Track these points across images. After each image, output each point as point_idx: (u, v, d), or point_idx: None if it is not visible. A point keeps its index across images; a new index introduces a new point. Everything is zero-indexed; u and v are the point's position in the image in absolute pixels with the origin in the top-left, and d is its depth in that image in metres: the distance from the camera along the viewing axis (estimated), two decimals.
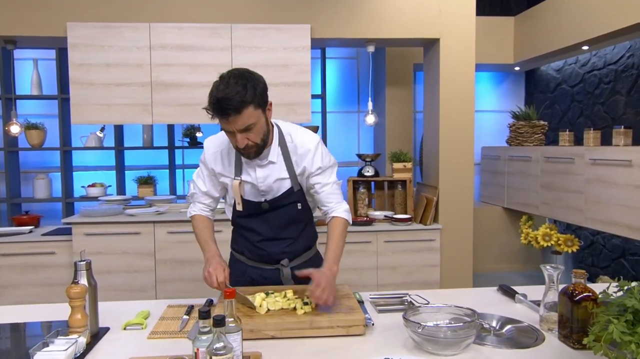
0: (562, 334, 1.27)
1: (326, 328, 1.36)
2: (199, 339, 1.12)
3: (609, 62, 4.08)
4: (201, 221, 1.80)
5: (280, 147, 1.68)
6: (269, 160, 1.67)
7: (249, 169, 1.68)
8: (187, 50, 3.40)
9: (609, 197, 3.25)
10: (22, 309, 1.69)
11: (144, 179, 4.14)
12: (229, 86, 1.45)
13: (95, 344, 1.37)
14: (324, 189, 1.71)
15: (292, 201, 1.71)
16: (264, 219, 1.72)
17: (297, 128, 1.74)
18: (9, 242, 3.31)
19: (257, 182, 1.67)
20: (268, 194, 1.70)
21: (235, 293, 1.19)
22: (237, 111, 1.45)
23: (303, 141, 1.69)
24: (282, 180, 1.69)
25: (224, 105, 1.44)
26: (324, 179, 1.71)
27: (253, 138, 1.54)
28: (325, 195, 1.71)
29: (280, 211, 1.72)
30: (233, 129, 1.50)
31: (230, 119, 1.47)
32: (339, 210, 1.72)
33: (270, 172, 1.68)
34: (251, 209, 1.72)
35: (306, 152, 1.68)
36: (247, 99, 1.46)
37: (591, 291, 1.23)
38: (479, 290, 1.80)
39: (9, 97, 3.87)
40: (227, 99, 1.44)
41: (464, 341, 1.22)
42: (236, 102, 1.44)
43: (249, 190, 1.70)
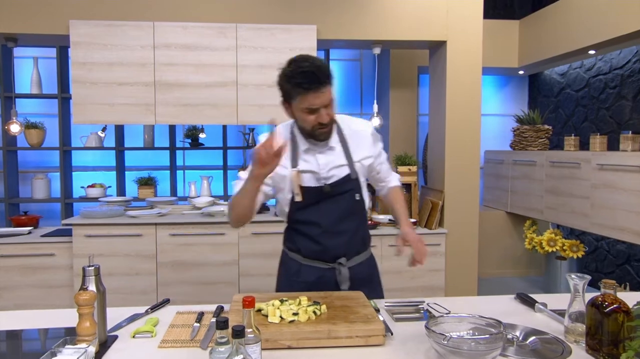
0: (590, 347, 1.23)
1: (344, 337, 1.31)
2: (217, 350, 1.07)
3: (615, 66, 4.07)
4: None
5: (337, 133, 1.71)
6: (330, 146, 1.69)
7: (308, 157, 1.69)
8: (191, 50, 3.35)
9: (615, 202, 3.23)
10: (20, 315, 1.62)
11: (145, 180, 4.09)
12: (314, 61, 1.53)
13: (104, 353, 1.31)
14: (382, 166, 1.85)
15: (350, 188, 1.71)
16: (323, 209, 1.69)
17: (350, 117, 1.80)
18: (7, 244, 3.25)
19: (319, 169, 1.68)
20: (328, 179, 1.69)
21: (254, 303, 1.14)
22: (327, 82, 1.53)
23: (362, 127, 1.77)
24: (341, 167, 1.70)
25: (321, 74, 1.50)
26: (383, 158, 1.85)
27: (332, 114, 1.61)
28: (384, 171, 1.86)
29: (339, 198, 1.70)
30: (320, 103, 1.54)
31: (322, 90, 1.52)
32: (394, 180, 1.90)
33: (331, 158, 1.69)
34: (311, 197, 1.68)
35: (365, 138, 1.75)
36: (330, 72, 1.54)
37: (621, 302, 1.19)
38: (496, 298, 1.76)
39: (8, 96, 3.81)
40: (321, 70, 1.50)
41: (490, 354, 1.18)
42: (328, 74, 1.52)
43: (308, 179, 1.69)
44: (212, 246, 3.34)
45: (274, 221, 3.39)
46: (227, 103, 3.40)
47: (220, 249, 3.35)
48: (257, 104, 3.43)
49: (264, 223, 3.39)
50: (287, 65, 1.56)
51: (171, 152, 4.24)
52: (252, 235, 3.38)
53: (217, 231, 3.34)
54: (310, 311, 1.39)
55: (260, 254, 3.38)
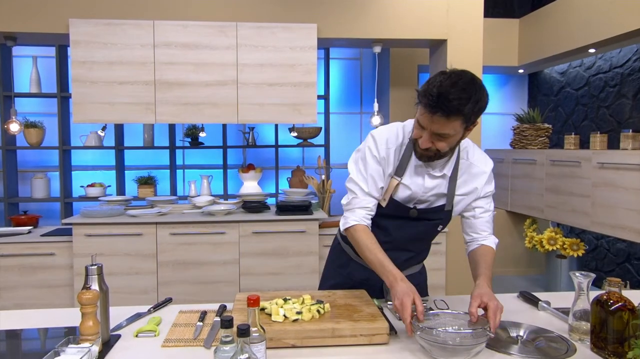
0: (595, 345, 1.23)
1: (349, 336, 1.31)
2: (222, 349, 1.06)
3: (615, 65, 4.07)
4: (366, 233, 1.55)
5: (455, 162, 1.57)
6: (443, 173, 1.55)
7: (416, 175, 1.55)
8: (191, 49, 3.34)
9: (616, 201, 3.23)
10: (19, 315, 1.62)
11: (145, 179, 4.07)
12: (456, 87, 1.32)
13: (108, 352, 1.31)
14: (483, 215, 1.61)
15: (438, 218, 1.61)
16: (402, 225, 1.61)
17: (474, 146, 1.63)
18: (7, 243, 3.23)
19: (422, 190, 1.56)
20: (422, 204, 1.59)
21: (259, 301, 1.14)
22: (447, 116, 1.33)
23: (480, 162, 1.59)
24: (440, 197, 1.58)
25: (440, 103, 1.32)
26: (488, 206, 1.61)
27: (440, 146, 1.42)
28: (483, 222, 1.61)
29: (422, 224, 1.61)
30: (429, 128, 1.39)
31: (434, 118, 1.35)
32: (490, 240, 1.62)
33: (438, 184, 1.56)
34: (396, 211, 1.59)
35: (480, 174, 1.58)
36: (464, 111, 1.33)
37: (627, 300, 1.18)
38: (500, 296, 1.74)
39: (7, 95, 3.80)
40: (447, 99, 1.31)
41: (474, 348, 1.18)
42: (451, 107, 1.32)
43: (402, 194, 1.57)
44: (213, 245, 3.34)
45: (275, 220, 3.39)
46: (228, 102, 3.39)
47: (220, 248, 3.34)
48: (258, 103, 3.43)
49: (264, 222, 3.38)
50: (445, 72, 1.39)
51: (171, 151, 4.23)
52: (253, 234, 3.37)
53: (217, 230, 3.34)
54: (314, 309, 1.38)
55: (261, 253, 3.38)
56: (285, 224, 3.38)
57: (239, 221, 3.36)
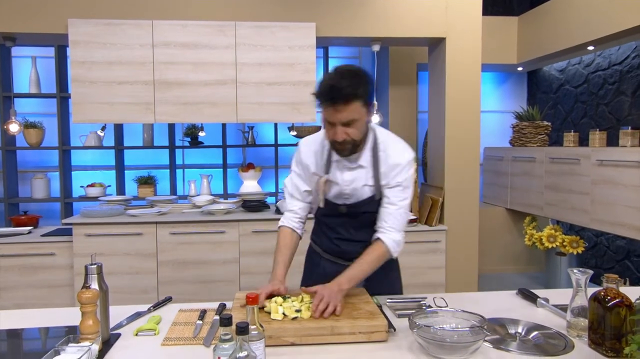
0: (593, 341, 1.24)
1: (348, 334, 1.32)
2: (221, 347, 1.07)
3: (614, 62, 4.07)
4: (283, 237, 1.71)
5: (372, 152, 1.64)
6: (359, 164, 1.64)
7: (337, 170, 1.66)
8: (190, 48, 3.34)
9: (615, 198, 3.23)
10: (20, 314, 1.62)
11: (144, 179, 4.08)
12: (343, 77, 1.46)
13: (108, 351, 1.32)
14: (388, 206, 1.63)
15: (372, 209, 1.67)
16: (340, 221, 1.72)
17: (395, 139, 1.69)
18: (7, 243, 3.24)
19: (343, 184, 1.66)
20: (351, 198, 1.68)
21: (258, 299, 1.14)
22: (346, 101, 1.45)
23: (396, 154, 1.64)
24: (366, 187, 1.65)
25: (335, 93, 1.44)
26: (395, 198, 1.63)
27: (352, 134, 1.52)
28: (386, 213, 1.63)
29: (358, 218, 1.70)
30: (337, 120, 1.48)
31: (338, 108, 1.46)
32: (387, 234, 1.61)
33: (358, 176, 1.65)
34: (331, 209, 1.71)
35: (395, 166, 1.63)
36: (359, 92, 1.46)
37: (624, 296, 1.19)
38: (498, 294, 1.76)
39: (7, 96, 3.80)
40: (339, 87, 1.44)
41: (472, 346, 1.19)
42: (347, 93, 1.44)
43: (333, 190, 1.68)
44: (213, 244, 3.34)
45: (274, 219, 3.39)
46: (227, 101, 3.40)
47: (220, 247, 3.35)
48: (257, 102, 3.43)
49: (264, 221, 3.39)
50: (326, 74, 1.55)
51: (170, 150, 4.23)
52: (253, 233, 3.38)
53: (217, 229, 3.34)
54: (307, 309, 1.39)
55: (260, 252, 3.38)
56: None
57: (239, 220, 3.37)
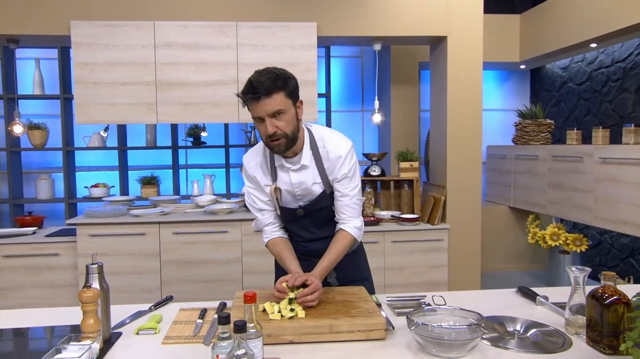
0: (590, 338, 1.24)
1: (346, 332, 1.32)
2: (219, 345, 1.08)
3: (617, 59, 4.05)
4: (275, 245, 1.76)
5: (312, 151, 1.68)
6: (302, 164, 1.67)
7: (283, 174, 1.69)
8: (192, 49, 3.36)
9: (619, 196, 3.22)
10: (26, 314, 1.64)
11: (148, 179, 4.10)
12: (263, 74, 1.53)
13: (109, 349, 1.33)
14: (342, 199, 1.69)
15: (326, 204, 1.71)
16: (303, 222, 1.75)
17: (331, 133, 1.73)
18: (12, 244, 3.27)
19: (292, 187, 1.69)
20: (304, 198, 1.71)
21: (255, 298, 1.15)
22: (268, 92, 1.50)
23: (335, 147, 1.68)
24: (316, 184, 1.69)
25: (256, 85, 1.50)
26: (345, 189, 1.69)
27: (282, 127, 1.55)
28: (342, 205, 1.69)
29: (315, 215, 1.73)
30: (263, 113, 1.52)
31: (261, 101, 1.51)
32: (349, 224, 1.69)
33: (305, 176, 1.68)
34: (288, 215, 1.74)
35: (337, 159, 1.67)
36: (279, 84, 1.51)
37: (621, 293, 1.19)
38: (498, 292, 1.76)
39: (11, 97, 3.83)
40: (260, 81, 1.50)
41: (469, 343, 1.19)
42: (267, 85, 1.50)
43: (285, 196, 1.71)
44: (215, 244, 3.36)
45: None
46: (228, 101, 3.41)
47: (223, 247, 3.36)
48: None
49: None
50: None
51: (173, 151, 4.25)
52: (255, 233, 3.38)
53: (219, 229, 3.36)
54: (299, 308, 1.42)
55: (263, 251, 3.37)
56: None
57: (241, 220, 3.38)
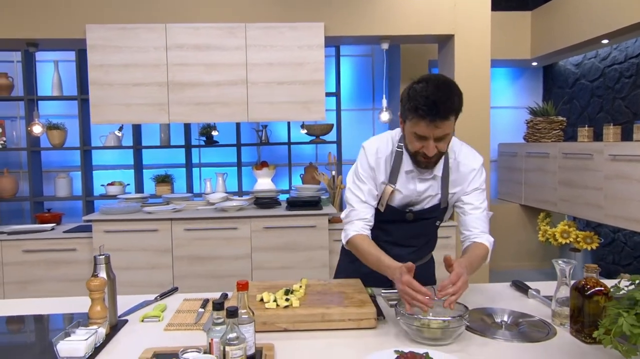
0: (573, 328, 1.27)
1: (338, 321, 1.38)
2: (213, 330, 1.14)
3: (631, 55, 4.00)
4: (363, 240, 1.61)
5: (444, 162, 1.61)
6: (434, 174, 1.60)
7: (408, 181, 1.62)
8: (202, 50, 3.45)
9: (629, 193, 3.20)
10: (45, 302, 1.74)
11: (162, 178, 4.21)
12: (441, 91, 1.41)
13: (114, 335, 1.41)
14: (474, 212, 1.60)
15: (434, 216, 1.67)
16: (400, 226, 1.69)
17: (463, 146, 1.66)
18: (32, 239, 3.41)
19: (415, 194, 1.63)
20: (417, 205, 1.66)
21: (247, 286, 1.22)
22: (446, 117, 1.42)
23: (468, 160, 1.62)
24: (434, 196, 1.63)
25: (437, 106, 1.39)
26: (477, 202, 1.61)
27: (441, 147, 1.49)
28: (474, 219, 1.60)
29: (419, 223, 1.68)
30: (431, 135, 1.44)
31: (437, 124, 1.42)
32: (483, 238, 1.58)
33: (430, 185, 1.62)
34: (394, 215, 1.68)
35: (469, 172, 1.61)
36: (456, 107, 1.43)
37: (603, 285, 1.22)
38: (492, 285, 1.80)
39: (31, 99, 3.98)
40: (442, 101, 1.39)
41: (453, 333, 1.24)
42: (448, 107, 1.40)
43: (397, 199, 1.65)
44: (226, 240, 3.45)
45: (285, 216, 3.47)
46: (238, 101, 3.49)
47: (233, 243, 3.45)
48: (267, 102, 3.51)
49: (275, 217, 3.47)
50: (417, 81, 1.46)
51: (187, 150, 4.36)
52: (264, 229, 3.46)
53: (230, 225, 3.44)
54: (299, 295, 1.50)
55: (272, 247, 3.47)
56: (295, 219, 3.46)
57: (251, 217, 3.46)
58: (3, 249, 3.38)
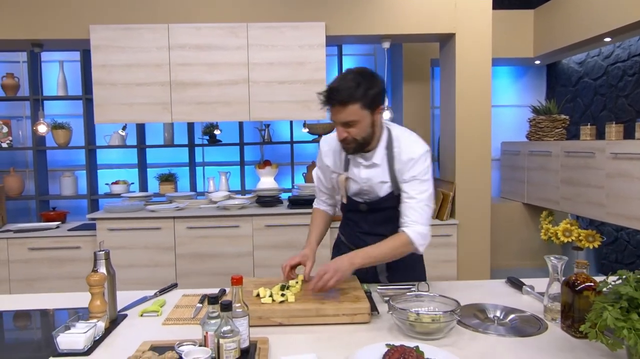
0: (564, 323, 1.28)
1: (332, 315, 1.40)
2: (208, 323, 1.17)
3: (634, 53, 3.99)
4: (315, 213, 1.92)
5: (386, 150, 1.69)
6: (373, 162, 1.69)
7: (354, 168, 1.73)
8: (204, 50, 3.48)
9: (631, 191, 3.19)
10: (50, 297, 1.78)
11: (165, 177, 4.25)
12: (345, 80, 1.54)
13: (114, 328, 1.44)
14: (408, 201, 1.64)
15: (392, 205, 1.72)
16: (361, 216, 1.80)
17: (407, 134, 1.72)
18: (37, 237, 3.46)
19: (360, 181, 1.73)
20: (369, 194, 1.74)
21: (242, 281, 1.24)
22: (342, 104, 1.53)
23: (408, 149, 1.67)
24: (383, 184, 1.70)
25: (331, 95, 1.53)
26: (413, 191, 1.64)
27: (353, 133, 1.59)
28: (406, 208, 1.64)
29: (378, 213, 1.76)
30: (336, 120, 1.58)
31: (334, 109, 1.55)
32: (410, 227, 1.61)
33: (374, 174, 1.71)
34: (352, 206, 1.79)
35: (408, 161, 1.66)
36: (355, 96, 1.52)
37: (593, 281, 1.23)
38: (488, 282, 1.81)
39: (36, 98, 4.04)
40: (337, 90, 1.52)
41: (445, 328, 1.25)
42: (343, 96, 1.52)
43: (353, 188, 1.75)
44: (228, 238, 3.48)
45: (287, 214, 3.50)
46: (240, 100, 3.52)
47: (235, 241, 3.48)
48: (268, 101, 3.54)
49: (276, 216, 3.50)
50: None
51: (190, 149, 4.40)
52: (266, 227, 3.49)
53: (232, 223, 3.47)
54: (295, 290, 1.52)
55: (273, 245, 3.49)
56: (296, 217, 3.49)
57: (252, 215, 3.49)
58: (9, 247, 3.43)
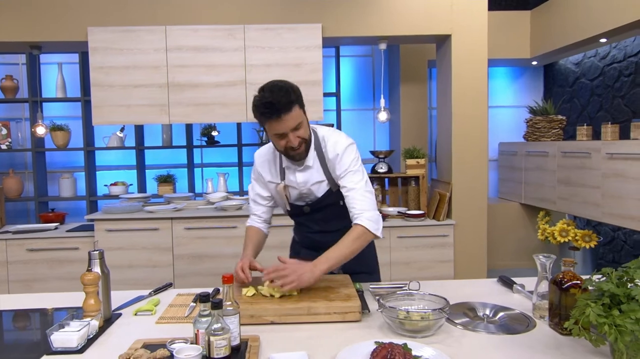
0: (552, 321, 1.30)
1: (323, 314, 1.42)
2: (199, 321, 1.19)
3: (630, 54, 4.00)
4: (248, 231, 1.99)
5: (316, 151, 1.76)
6: (306, 164, 1.74)
7: (290, 174, 1.78)
8: (202, 52, 3.50)
9: (626, 191, 3.20)
10: (49, 296, 1.80)
11: (164, 178, 4.27)
12: (274, 92, 1.58)
13: (108, 327, 1.46)
14: (349, 193, 1.69)
15: (333, 201, 1.79)
16: (311, 217, 1.85)
17: (331, 132, 1.78)
18: (36, 238, 3.47)
19: (298, 186, 1.77)
20: (309, 196, 1.80)
21: (232, 279, 1.26)
22: (287, 110, 1.58)
23: (333, 146, 1.73)
24: (320, 183, 1.77)
25: (276, 107, 1.56)
26: (350, 183, 1.70)
27: (302, 134, 1.65)
28: (351, 199, 1.68)
29: (322, 212, 1.82)
30: (286, 129, 1.60)
31: (283, 118, 1.58)
32: (361, 216, 1.65)
33: (309, 176, 1.76)
34: (296, 210, 1.85)
35: (335, 157, 1.72)
36: (293, 99, 1.59)
37: (579, 278, 1.24)
38: (479, 281, 1.83)
39: (35, 100, 4.06)
40: (277, 101, 1.56)
41: (434, 326, 1.27)
42: (285, 102, 1.57)
43: (293, 194, 1.81)
44: (225, 238, 3.49)
45: (283, 215, 3.49)
46: (237, 102, 3.54)
47: (232, 241, 3.49)
48: None
49: (274, 216, 3.49)
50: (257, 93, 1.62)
51: (188, 150, 4.42)
52: None
53: (229, 224, 3.49)
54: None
55: (270, 246, 3.47)
56: None
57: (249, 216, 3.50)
58: (8, 248, 3.45)
